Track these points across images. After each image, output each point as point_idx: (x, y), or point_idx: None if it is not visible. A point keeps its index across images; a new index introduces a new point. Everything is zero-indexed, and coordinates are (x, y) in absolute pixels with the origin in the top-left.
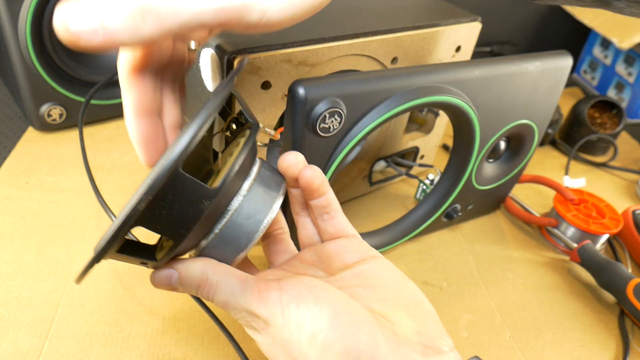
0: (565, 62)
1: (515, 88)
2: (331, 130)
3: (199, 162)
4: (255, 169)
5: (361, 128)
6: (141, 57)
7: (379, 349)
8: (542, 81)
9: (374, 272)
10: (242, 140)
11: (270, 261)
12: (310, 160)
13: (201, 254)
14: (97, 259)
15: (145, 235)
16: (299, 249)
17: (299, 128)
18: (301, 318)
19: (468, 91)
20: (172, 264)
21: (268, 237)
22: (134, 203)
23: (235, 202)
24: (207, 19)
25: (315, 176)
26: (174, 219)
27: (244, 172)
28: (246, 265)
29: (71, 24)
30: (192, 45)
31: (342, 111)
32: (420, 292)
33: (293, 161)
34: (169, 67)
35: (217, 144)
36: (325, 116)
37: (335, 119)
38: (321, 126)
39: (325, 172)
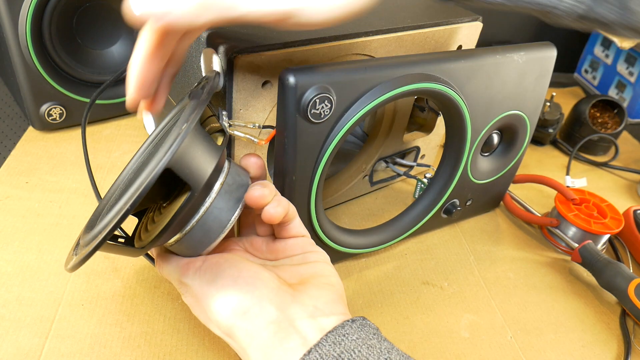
0: (549, 53)
1: (502, 77)
2: (322, 116)
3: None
4: (215, 190)
5: (352, 115)
6: (160, 42)
7: (268, 305)
8: (529, 71)
9: (305, 258)
10: (178, 202)
11: (239, 230)
12: (303, 148)
13: (170, 247)
14: (76, 266)
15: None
16: None
17: (291, 115)
18: (213, 278)
19: (456, 80)
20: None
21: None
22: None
23: (189, 226)
24: (260, 17)
25: (277, 214)
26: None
27: (200, 198)
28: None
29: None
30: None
31: (332, 97)
32: (336, 275)
33: (259, 197)
34: (169, 62)
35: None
36: (315, 102)
37: (326, 105)
38: (312, 112)
39: (319, 160)
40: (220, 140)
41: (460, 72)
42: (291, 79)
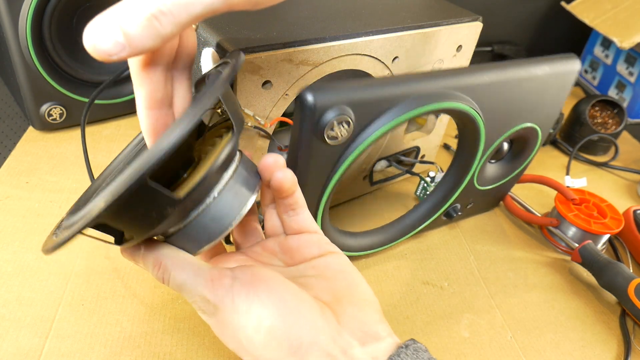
0: (573, 66)
1: (522, 92)
2: (339, 138)
3: (179, 153)
4: (229, 173)
5: (368, 135)
6: (150, 54)
7: (320, 335)
8: (550, 85)
9: (329, 266)
10: (221, 143)
11: (236, 243)
12: (316, 167)
13: (166, 240)
14: (52, 249)
15: None
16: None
17: (306, 135)
18: (249, 304)
19: (476, 96)
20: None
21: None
22: (94, 214)
23: (203, 205)
24: (218, 6)
25: (286, 178)
26: (137, 220)
27: (216, 177)
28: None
29: (99, 44)
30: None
31: (351, 119)
32: (366, 284)
33: (272, 164)
34: (179, 56)
35: (206, 119)
36: (333, 124)
37: (344, 127)
38: (329, 134)
39: (330, 178)
40: (225, 138)
41: (482, 89)
42: (310, 98)
